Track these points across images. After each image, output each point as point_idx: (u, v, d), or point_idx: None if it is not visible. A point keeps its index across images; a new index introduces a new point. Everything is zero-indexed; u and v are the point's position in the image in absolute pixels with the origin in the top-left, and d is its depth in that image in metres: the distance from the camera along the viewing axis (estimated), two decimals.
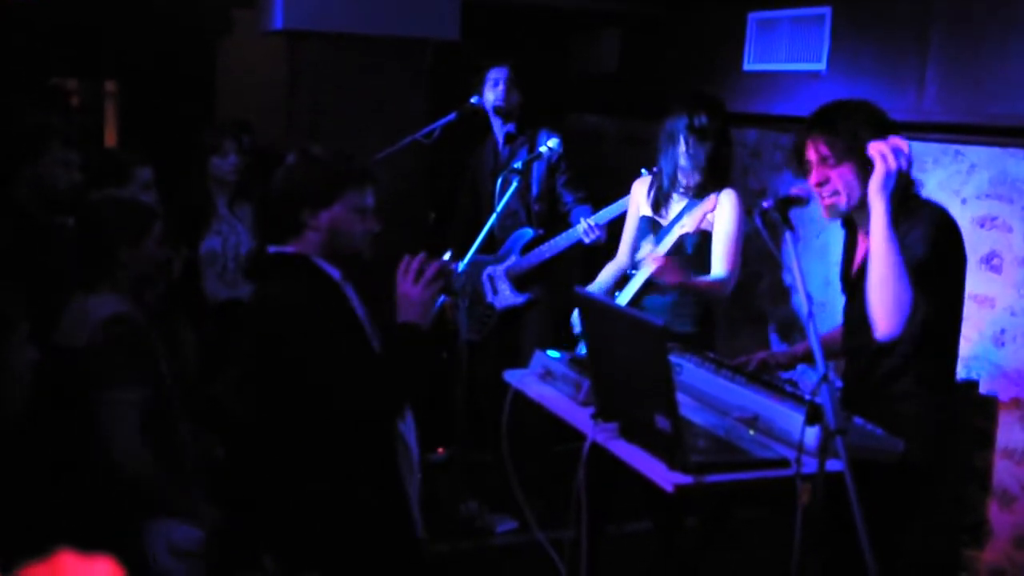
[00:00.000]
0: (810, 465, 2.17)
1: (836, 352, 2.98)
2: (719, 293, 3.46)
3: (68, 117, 5.20)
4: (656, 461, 2.33)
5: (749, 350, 3.19)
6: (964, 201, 3.68)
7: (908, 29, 3.87)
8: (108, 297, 2.66)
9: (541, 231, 4.52)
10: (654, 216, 3.62)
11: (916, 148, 3.82)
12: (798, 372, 3.14)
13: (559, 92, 5.94)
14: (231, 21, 5.74)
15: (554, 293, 4.57)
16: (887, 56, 3.96)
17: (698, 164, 3.48)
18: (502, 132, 4.65)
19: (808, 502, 2.10)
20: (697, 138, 3.45)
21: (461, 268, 3.81)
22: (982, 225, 3.61)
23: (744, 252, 3.55)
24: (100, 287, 2.67)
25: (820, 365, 2.11)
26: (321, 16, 4.62)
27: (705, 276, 3.47)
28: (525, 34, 5.91)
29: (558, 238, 4.37)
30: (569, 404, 2.80)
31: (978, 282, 3.59)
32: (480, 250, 3.98)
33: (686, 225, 3.38)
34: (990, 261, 3.58)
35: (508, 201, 4.10)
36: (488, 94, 4.57)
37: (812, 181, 2.60)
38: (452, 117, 4.25)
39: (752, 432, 2.54)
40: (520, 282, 4.54)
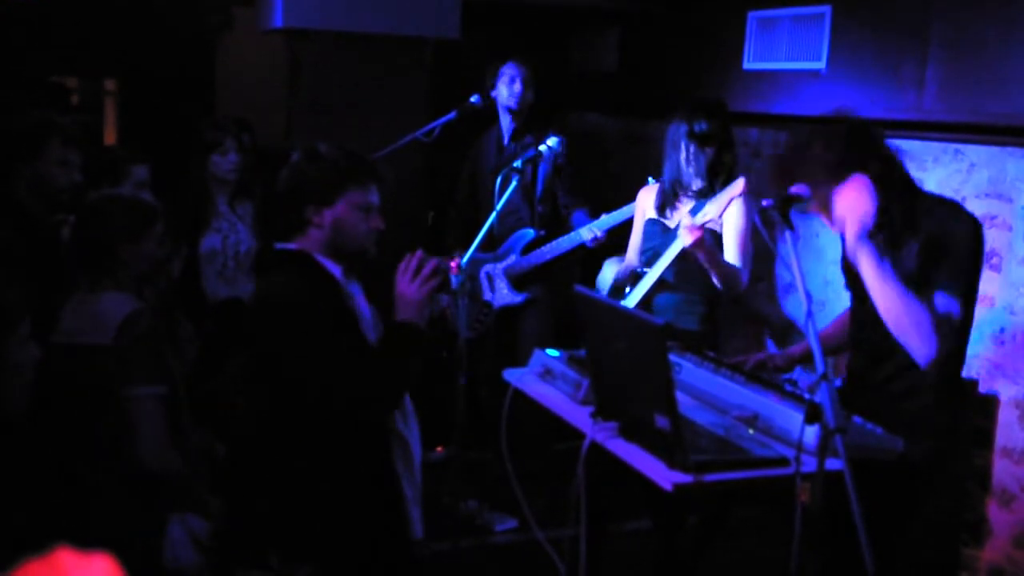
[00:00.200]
0: (809, 464, 2.17)
1: (834, 349, 2.99)
2: (737, 280, 3.45)
3: (68, 115, 5.19)
4: (655, 460, 2.33)
5: (747, 350, 3.19)
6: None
7: (908, 28, 3.87)
8: (118, 296, 2.65)
9: (542, 232, 4.51)
10: (661, 219, 3.62)
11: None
12: (795, 373, 3.14)
13: (559, 91, 5.93)
14: (231, 19, 5.74)
15: (553, 293, 4.57)
16: (887, 55, 3.96)
17: (700, 170, 3.49)
18: (510, 129, 4.64)
19: (807, 501, 2.10)
20: (698, 144, 3.46)
21: (464, 262, 3.81)
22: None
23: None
24: (103, 285, 2.66)
25: (819, 364, 2.11)
26: (321, 15, 4.61)
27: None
28: (525, 33, 5.90)
29: (559, 240, 4.37)
30: (568, 403, 2.80)
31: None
32: (479, 247, 3.98)
33: (710, 212, 3.34)
34: (989, 260, 3.58)
35: (511, 200, 4.09)
36: (502, 89, 4.55)
37: (828, 220, 2.57)
38: (452, 116, 4.24)
39: (751, 431, 2.54)
40: (519, 281, 4.54)
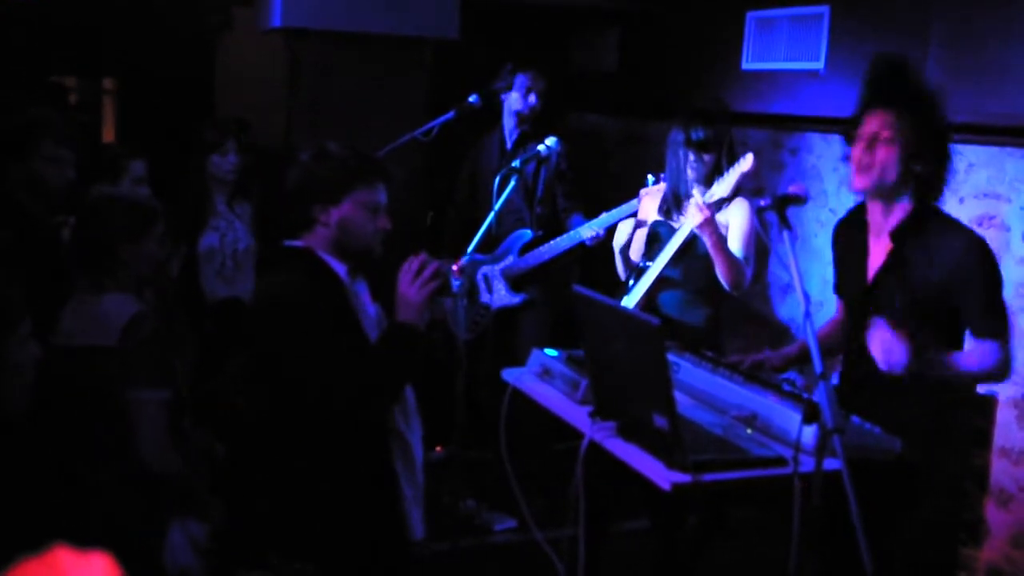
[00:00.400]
0: (808, 464, 2.17)
1: (827, 350, 2.99)
2: (741, 275, 3.45)
3: (66, 114, 5.18)
4: (654, 460, 2.33)
5: (748, 350, 3.19)
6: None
7: (907, 28, 3.87)
8: (121, 297, 2.63)
9: (540, 233, 4.51)
10: (667, 221, 3.61)
11: None
12: (790, 374, 3.14)
13: (559, 91, 5.93)
14: (230, 19, 5.73)
15: (551, 293, 4.57)
16: None
17: (701, 176, 3.49)
18: (513, 133, 4.63)
19: (806, 501, 2.10)
20: (696, 151, 3.46)
21: (464, 262, 3.81)
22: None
23: None
24: (104, 287, 2.64)
25: (817, 364, 2.12)
26: (320, 14, 4.61)
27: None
28: (525, 33, 5.90)
29: (557, 240, 4.37)
30: (567, 403, 2.81)
31: None
32: (477, 248, 3.98)
33: (719, 192, 3.33)
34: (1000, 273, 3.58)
35: (511, 201, 4.09)
36: (514, 96, 4.55)
37: (859, 145, 2.65)
38: (451, 116, 4.24)
39: (750, 431, 2.54)
40: (516, 282, 4.54)
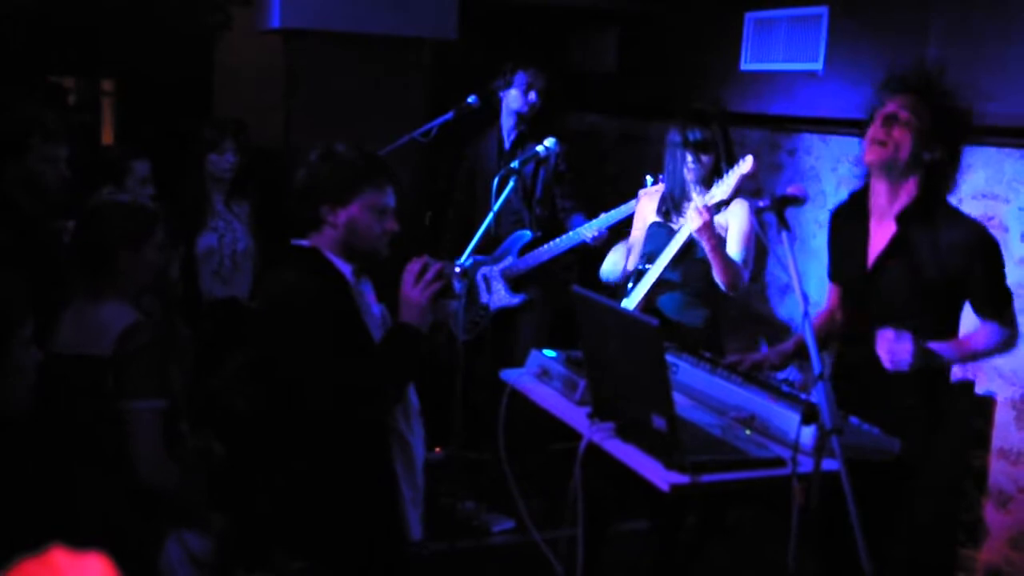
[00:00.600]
0: (806, 464, 2.17)
1: (824, 341, 3.00)
2: (738, 277, 3.43)
3: (62, 113, 5.17)
4: (652, 460, 2.33)
5: (747, 350, 3.19)
6: (960, 201, 3.68)
7: (905, 29, 3.87)
8: (119, 306, 2.59)
9: (539, 233, 4.51)
10: (666, 223, 3.60)
11: None
12: (789, 370, 3.14)
13: (558, 91, 5.93)
14: (229, 20, 5.73)
15: (549, 294, 4.57)
16: (884, 56, 3.96)
17: (700, 178, 3.49)
18: (512, 133, 4.62)
19: (804, 501, 2.10)
20: (694, 153, 3.46)
21: (467, 265, 3.80)
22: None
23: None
24: (104, 294, 2.60)
25: (816, 364, 2.12)
26: (319, 15, 4.61)
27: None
28: (523, 33, 5.90)
29: (557, 241, 4.36)
30: (565, 403, 2.81)
31: None
32: (476, 249, 3.97)
33: (718, 194, 3.29)
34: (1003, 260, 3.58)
35: (510, 201, 4.08)
36: (514, 94, 4.53)
37: (876, 123, 2.71)
38: (449, 116, 4.24)
39: (748, 432, 2.54)
40: (516, 283, 4.54)
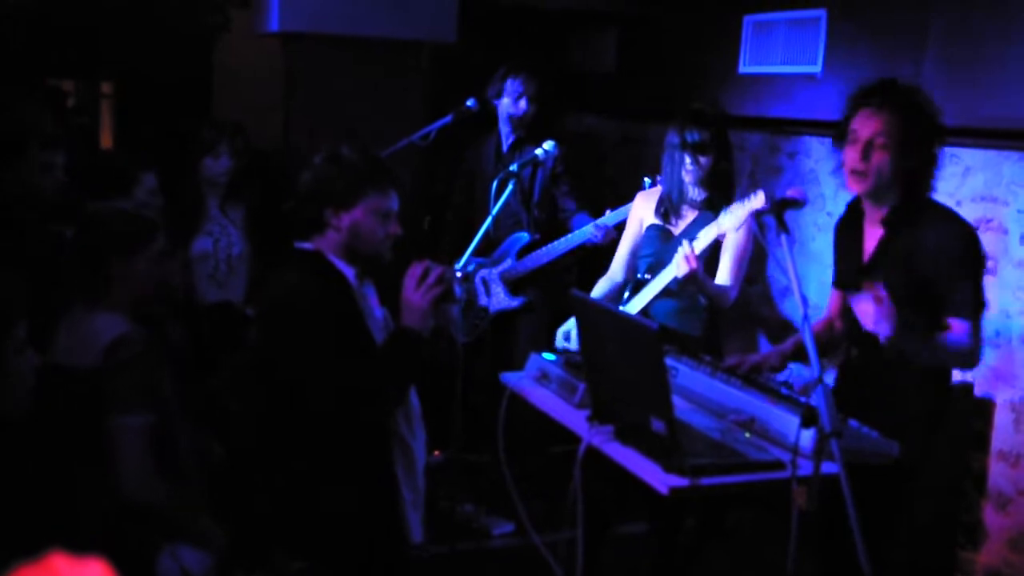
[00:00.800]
0: (806, 467, 2.17)
1: (828, 345, 3.01)
2: (724, 300, 3.44)
3: (60, 116, 5.16)
4: (652, 464, 2.34)
5: (746, 352, 3.19)
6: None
7: (904, 31, 3.87)
8: (110, 317, 2.55)
9: (538, 236, 4.51)
10: (664, 225, 3.59)
11: None
12: (788, 370, 3.14)
13: (557, 93, 5.93)
14: (228, 22, 5.73)
15: (549, 297, 4.57)
16: (883, 58, 3.96)
17: (698, 179, 3.48)
18: (509, 139, 4.63)
19: (804, 504, 2.10)
20: (692, 154, 3.45)
21: (469, 269, 3.80)
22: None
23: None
24: (100, 303, 2.56)
25: (815, 367, 2.12)
26: (317, 18, 4.61)
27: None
28: (522, 35, 5.90)
29: (557, 243, 4.36)
30: (565, 407, 2.81)
31: None
32: (475, 252, 3.97)
33: (725, 224, 3.11)
34: (985, 263, 3.58)
35: (509, 204, 4.08)
36: (505, 100, 4.54)
37: (853, 150, 2.68)
38: (448, 119, 4.24)
39: (748, 435, 2.54)
40: (515, 286, 4.54)
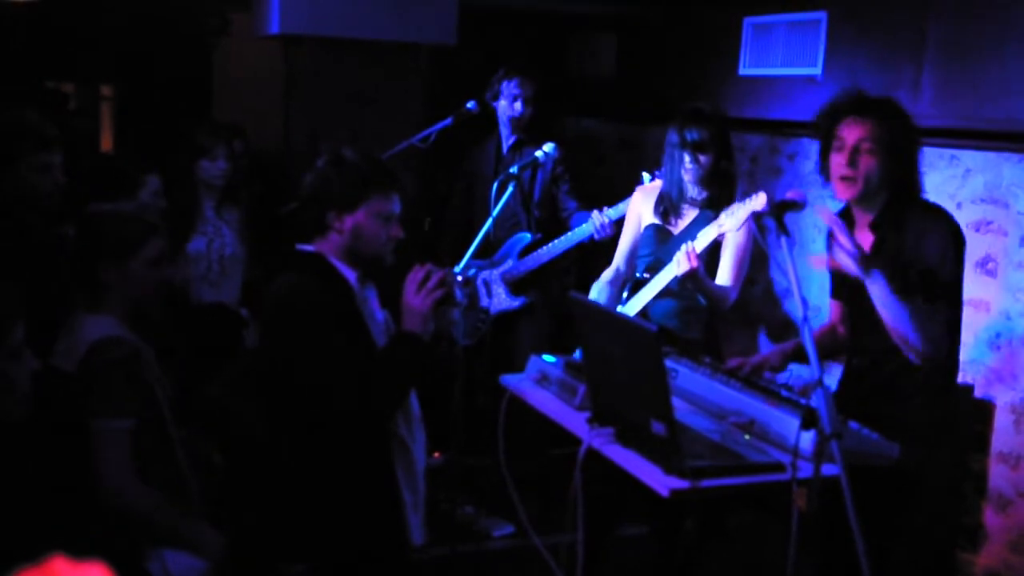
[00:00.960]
0: (806, 469, 2.17)
1: (830, 351, 3.00)
2: (724, 302, 3.44)
3: (63, 120, 5.16)
4: (652, 466, 2.33)
5: (746, 353, 3.19)
6: (959, 205, 3.69)
7: (904, 33, 3.88)
8: (101, 319, 2.51)
9: (539, 236, 4.51)
10: (664, 225, 3.59)
11: None
12: (788, 371, 3.14)
13: (556, 96, 5.94)
14: (228, 25, 5.74)
15: (550, 298, 4.57)
16: (883, 60, 3.97)
17: (698, 178, 3.48)
18: (509, 140, 4.63)
19: (804, 506, 2.10)
20: (692, 153, 3.45)
21: (470, 272, 3.79)
22: (977, 229, 3.61)
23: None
24: (97, 306, 2.53)
25: (815, 369, 2.12)
26: (317, 21, 4.61)
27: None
28: (522, 38, 5.91)
29: (557, 241, 4.37)
30: (565, 409, 2.81)
31: (974, 286, 3.59)
32: (476, 254, 3.98)
33: (726, 225, 3.17)
34: (985, 265, 3.59)
35: (509, 206, 4.07)
36: (503, 102, 4.54)
37: (839, 157, 2.69)
38: (448, 122, 4.24)
39: (748, 436, 2.54)
40: (516, 286, 4.54)
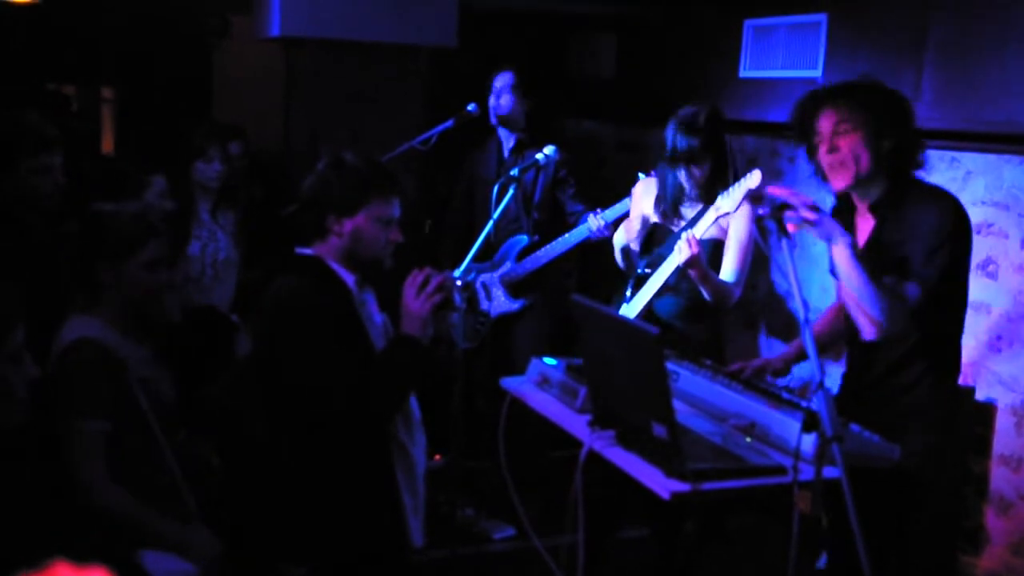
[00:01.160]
0: (807, 472, 2.17)
1: (829, 343, 3.01)
2: (727, 297, 3.43)
3: (63, 121, 5.16)
4: (653, 468, 2.33)
5: (744, 356, 3.19)
6: None
7: (904, 36, 3.88)
8: (86, 320, 2.47)
9: (536, 238, 4.50)
10: (665, 224, 3.58)
11: None
12: (792, 373, 3.14)
13: (556, 98, 5.94)
14: (228, 27, 5.74)
15: (549, 300, 4.56)
16: (883, 63, 3.97)
17: (692, 186, 3.47)
18: (509, 141, 4.63)
19: (806, 509, 2.10)
20: (685, 166, 3.44)
21: (470, 276, 3.79)
22: (978, 232, 3.61)
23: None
24: (91, 307, 2.50)
25: (817, 372, 2.11)
26: (318, 23, 4.61)
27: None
28: (522, 40, 5.91)
29: (556, 242, 4.36)
30: (566, 411, 2.81)
31: (975, 288, 3.57)
32: (475, 257, 3.97)
33: (723, 207, 3.15)
34: (986, 267, 3.58)
35: (509, 209, 4.07)
36: (491, 102, 4.55)
37: (822, 150, 2.67)
38: (449, 124, 4.23)
39: (749, 439, 2.54)
40: (515, 289, 4.53)
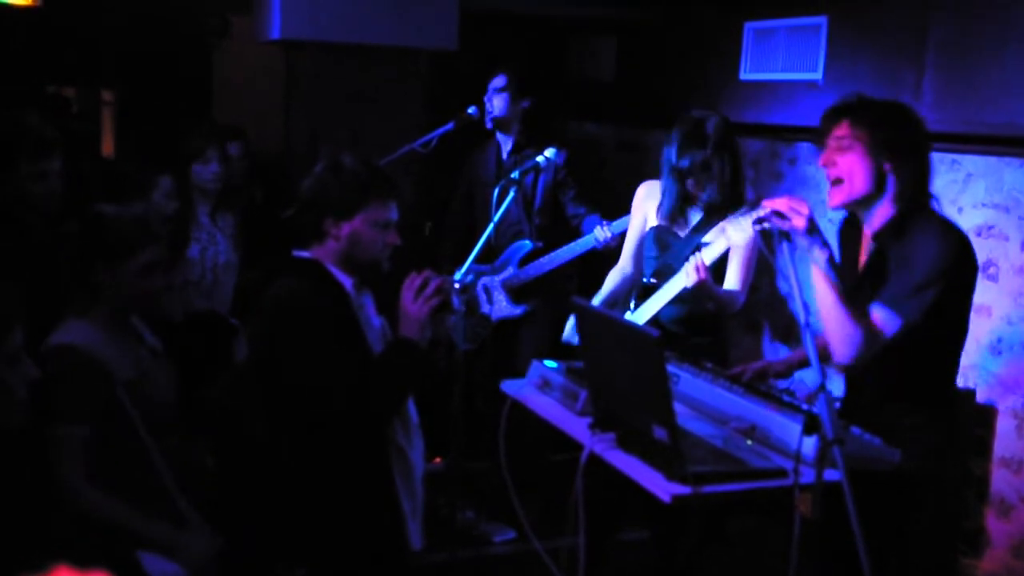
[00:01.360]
0: (808, 475, 2.17)
1: (826, 355, 3.00)
2: (733, 306, 3.45)
3: (63, 124, 5.15)
4: (654, 471, 2.33)
5: (746, 359, 3.19)
6: (960, 210, 3.69)
7: (905, 38, 3.88)
8: (76, 325, 2.46)
9: (539, 244, 4.50)
10: (670, 226, 3.56)
11: None
12: (794, 378, 3.14)
13: (556, 100, 5.94)
14: (228, 29, 5.74)
15: (551, 305, 4.56)
16: (883, 65, 3.97)
17: (701, 189, 3.47)
18: (507, 144, 4.63)
19: (807, 511, 2.10)
20: (692, 179, 3.43)
21: (459, 278, 3.79)
22: (979, 234, 3.61)
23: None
24: (86, 310, 2.48)
25: (817, 376, 2.11)
26: (318, 26, 4.61)
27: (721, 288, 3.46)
28: (522, 43, 5.91)
29: (561, 250, 4.35)
30: (567, 414, 2.81)
31: (975, 291, 3.59)
32: (477, 260, 3.97)
33: (733, 239, 2.98)
34: (987, 270, 3.58)
35: (510, 212, 4.06)
36: (487, 105, 4.56)
37: (820, 161, 2.65)
38: (449, 127, 4.24)
39: (749, 442, 2.54)
40: (517, 294, 4.53)
